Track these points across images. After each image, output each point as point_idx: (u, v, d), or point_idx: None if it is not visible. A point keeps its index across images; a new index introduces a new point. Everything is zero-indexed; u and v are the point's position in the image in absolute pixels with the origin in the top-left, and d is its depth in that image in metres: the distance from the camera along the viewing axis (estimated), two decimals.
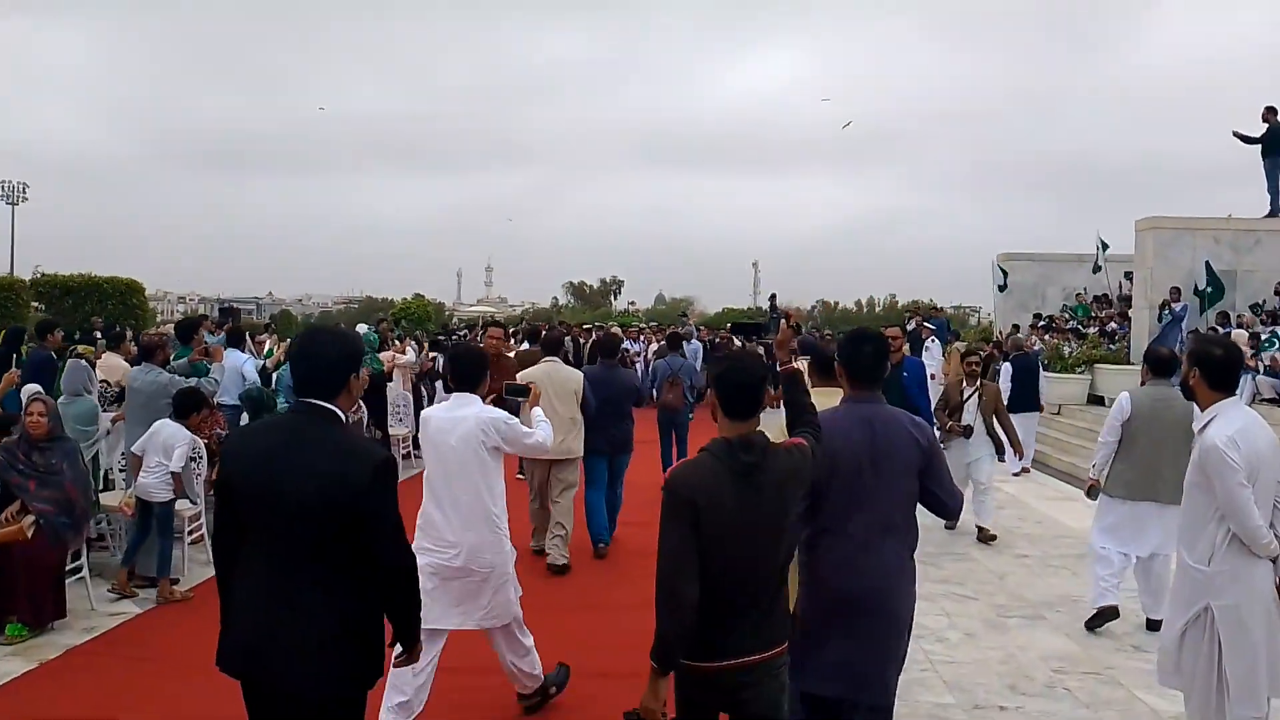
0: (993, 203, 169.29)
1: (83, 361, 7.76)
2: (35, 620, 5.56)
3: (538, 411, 4.77)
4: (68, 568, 5.88)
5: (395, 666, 3.16)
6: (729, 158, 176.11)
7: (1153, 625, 5.84)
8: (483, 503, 4.23)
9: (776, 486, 2.85)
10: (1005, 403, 13.00)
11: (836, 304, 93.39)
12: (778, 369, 3.38)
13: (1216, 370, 3.80)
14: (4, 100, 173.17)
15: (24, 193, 56.06)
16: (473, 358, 4.50)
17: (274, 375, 9.77)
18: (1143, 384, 6.11)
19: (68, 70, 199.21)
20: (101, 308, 22.88)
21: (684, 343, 12.51)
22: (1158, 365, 6.03)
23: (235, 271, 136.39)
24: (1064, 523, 9.22)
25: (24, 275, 27.32)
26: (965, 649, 5.66)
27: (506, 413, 4.42)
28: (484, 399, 4.39)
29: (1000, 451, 8.63)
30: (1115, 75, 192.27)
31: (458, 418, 4.25)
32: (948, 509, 3.49)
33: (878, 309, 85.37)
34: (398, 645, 3.00)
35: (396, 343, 13.79)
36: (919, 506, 3.40)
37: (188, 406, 6.48)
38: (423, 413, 4.60)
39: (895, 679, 3.34)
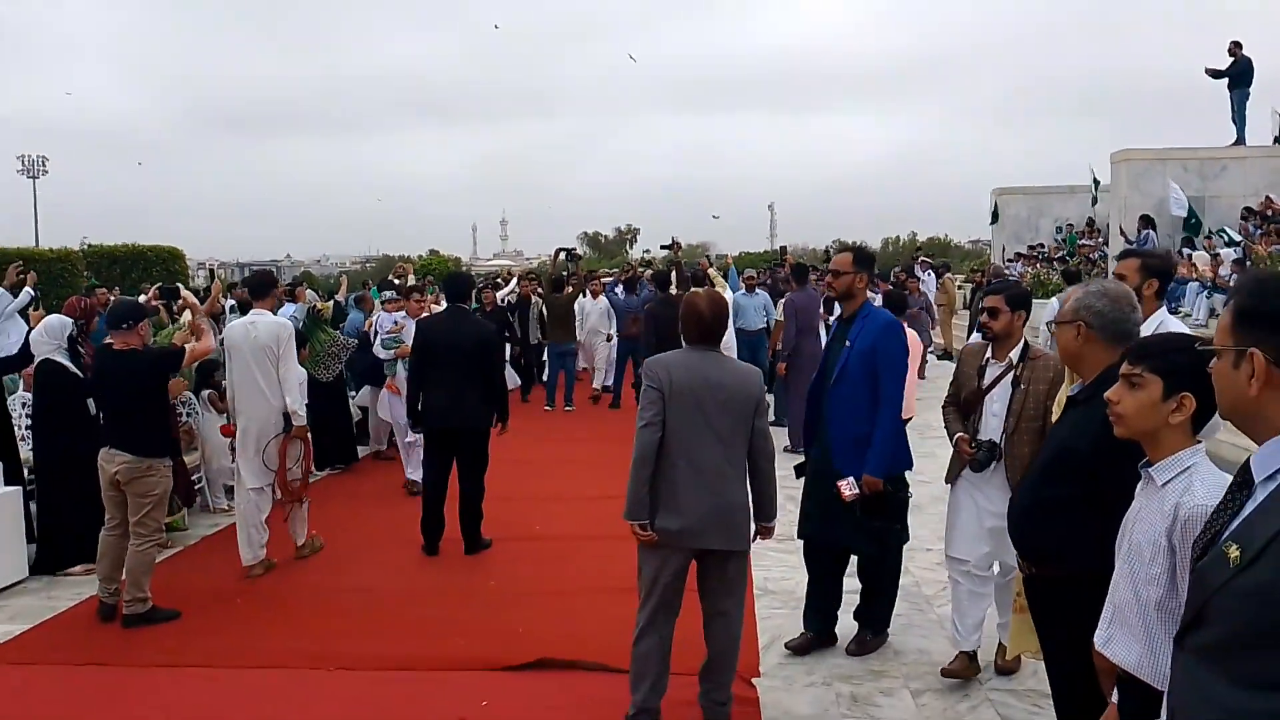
0: (1024, 132, 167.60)
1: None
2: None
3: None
4: None
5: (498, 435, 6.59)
6: (758, 99, 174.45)
7: None
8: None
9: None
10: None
11: (862, 243, 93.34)
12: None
13: None
14: (28, 68, 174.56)
15: (44, 166, 57.29)
16: None
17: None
18: None
19: (92, 36, 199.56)
20: (147, 275, 24.34)
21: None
22: (1068, 278, 8.81)
23: (254, 234, 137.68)
24: None
25: (55, 246, 28.56)
26: None
27: None
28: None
29: None
30: None
31: None
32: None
33: (901, 246, 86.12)
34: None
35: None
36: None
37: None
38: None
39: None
